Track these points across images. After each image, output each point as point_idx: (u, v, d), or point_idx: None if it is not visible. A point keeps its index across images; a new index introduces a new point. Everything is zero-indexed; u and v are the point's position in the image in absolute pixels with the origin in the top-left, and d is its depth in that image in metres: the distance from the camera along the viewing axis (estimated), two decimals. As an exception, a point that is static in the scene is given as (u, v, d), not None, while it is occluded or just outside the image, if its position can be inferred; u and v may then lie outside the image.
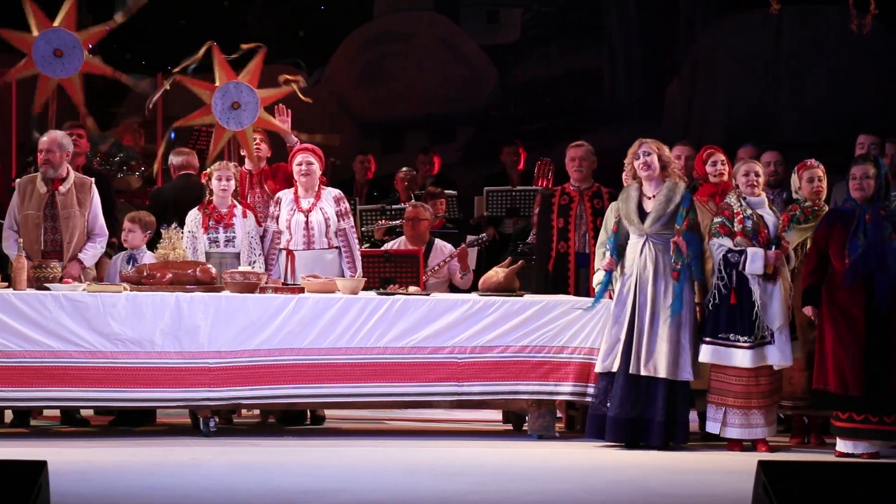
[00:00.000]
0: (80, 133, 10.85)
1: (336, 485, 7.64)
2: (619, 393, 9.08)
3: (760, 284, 9.15)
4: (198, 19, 15.73)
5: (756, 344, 9.09)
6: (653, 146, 9.24)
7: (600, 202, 10.36)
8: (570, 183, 10.51)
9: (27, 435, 9.58)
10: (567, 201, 10.44)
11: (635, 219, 9.18)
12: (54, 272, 9.44)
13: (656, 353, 9.06)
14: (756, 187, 9.29)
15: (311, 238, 10.13)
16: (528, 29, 18.06)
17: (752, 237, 9.19)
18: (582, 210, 10.38)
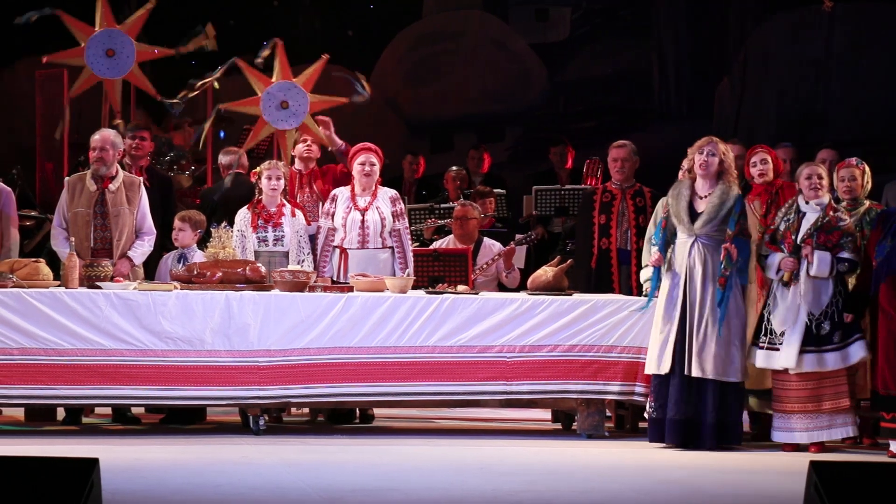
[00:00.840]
0: (144, 135, 10.90)
1: (385, 483, 7.65)
2: (675, 395, 9.03)
3: (779, 289, 9.13)
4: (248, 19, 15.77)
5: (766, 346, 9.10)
6: (719, 147, 9.18)
7: (642, 200, 10.35)
8: (612, 181, 10.51)
9: (79, 432, 9.64)
10: (609, 198, 10.44)
11: (685, 218, 9.13)
12: (106, 271, 9.49)
13: (705, 354, 9.02)
14: (819, 190, 9.21)
15: (366, 237, 10.15)
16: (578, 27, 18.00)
17: (780, 242, 9.16)
18: (624, 207, 10.37)
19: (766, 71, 17.17)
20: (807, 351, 9.04)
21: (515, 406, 10.22)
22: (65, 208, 10.02)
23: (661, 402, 9.09)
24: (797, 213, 9.22)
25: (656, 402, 9.12)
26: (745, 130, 16.42)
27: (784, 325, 9.07)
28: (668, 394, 9.05)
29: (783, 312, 9.09)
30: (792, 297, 9.10)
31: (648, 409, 9.18)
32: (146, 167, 10.85)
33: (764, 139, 11.81)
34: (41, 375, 9.03)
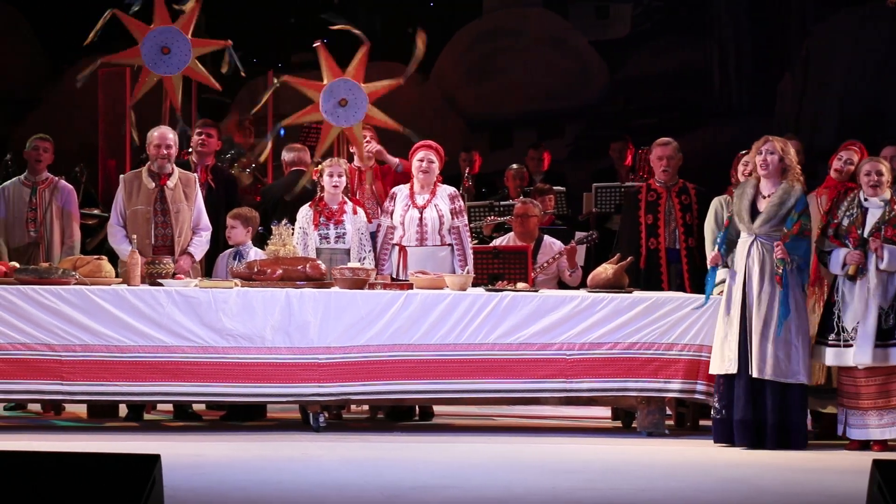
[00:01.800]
0: (210, 132, 10.95)
1: (445, 480, 7.65)
2: (742, 395, 8.96)
3: (846, 284, 9.06)
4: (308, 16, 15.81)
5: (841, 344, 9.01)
6: (777, 145, 9.10)
7: (688, 198, 10.33)
8: (656, 179, 10.47)
9: (141, 429, 9.70)
10: (654, 197, 10.40)
11: (746, 217, 9.07)
12: (167, 268, 9.54)
13: (765, 354, 8.95)
14: (878, 187, 9.12)
15: (425, 234, 10.15)
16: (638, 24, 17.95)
17: (844, 237, 9.09)
18: (670, 206, 10.33)
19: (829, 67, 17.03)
20: (875, 346, 8.97)
21: (575, 403, 10.22)
22: (122, 206, 10.07)
23: (726, 403, 9.02)
24: (859, 207, 9.15)
25: (721, 402, 9.05)
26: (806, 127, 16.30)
27: (856, 320, 8.99)
28: (735, 394, 8.98)
29: (854, 308, 9.01)
30: (860, 292, 9.02)
31: (714, 409, 9.11)
32: (211, 166, 10.89)
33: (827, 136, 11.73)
34: (103, 372, 9.08)
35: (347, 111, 10.82)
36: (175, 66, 10.97)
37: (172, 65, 10.96)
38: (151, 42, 10.94)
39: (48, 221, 10.48)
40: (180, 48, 10.94)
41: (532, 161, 14.36)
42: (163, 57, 10.94)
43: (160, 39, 10.94)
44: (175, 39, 10.95)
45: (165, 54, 10.94)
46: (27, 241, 10.46)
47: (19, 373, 9.03)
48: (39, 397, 9.39)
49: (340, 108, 10.84)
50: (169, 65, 10.96)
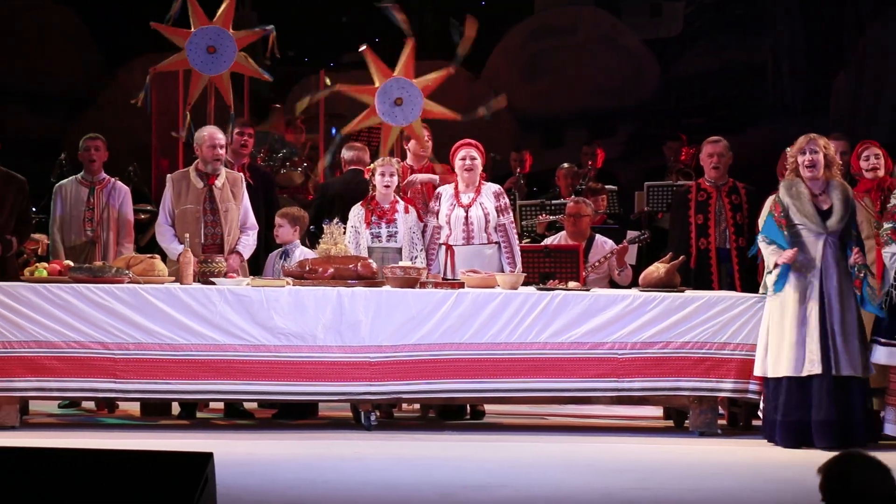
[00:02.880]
0: (251, 132, 11.01)
1: (496, 479, 7.64)
2: (826, 395, 8.86)
3: None
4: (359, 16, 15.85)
5: None
6: (820, 143, 9.06)
7: (738, 198, 10.28)
8: (706, 178, 10.43)
9: (193, 427, 9.74)
10: (704, 197, 10.35)
11: (816, 217, 8.97)
12: (219, 267, 9.58)
13: (851, 352, 8.87)
14: None
15: (471, 233, 10.14)
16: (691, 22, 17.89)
17: None
18: (721, 205, 10.29)
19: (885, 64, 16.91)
20: None
21: (627, 403, 10.18)
22: (170, 205, 10.11)
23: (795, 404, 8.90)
24: None
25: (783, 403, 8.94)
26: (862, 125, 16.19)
27: None
28: (813, 395, 8.86)
29: None
30: None
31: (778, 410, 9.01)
32: (248, 164, 10.94)
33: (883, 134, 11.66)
34: (156, 370, 9.13)
35: (404, 109, 10.84)
36: (223, 64, 11.01)
37: (221, 62, 11.00)
38: (196, 44, 10.98)
39: (105, 221, 10.54)
40: (225, 45, 10.98)
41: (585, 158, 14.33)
42: (210, 57, 10.99)
43: (204, 40, 10.99)
44: (218, 37, 10.99)
45: (212, 53, 10.98)
46: (83, 239, 10.53)
47: (73, 371, 9.09)
48: (93, 395, 9.44)
49: (397, 107, 10.86)
50: (217, 63, 11.00)
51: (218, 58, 10.99)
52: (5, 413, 9.09)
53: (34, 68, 17.28)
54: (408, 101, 10.84)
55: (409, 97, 10.83)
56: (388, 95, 10.85)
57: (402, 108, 10.85)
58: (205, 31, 10.98)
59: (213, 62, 10.98)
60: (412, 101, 10.83)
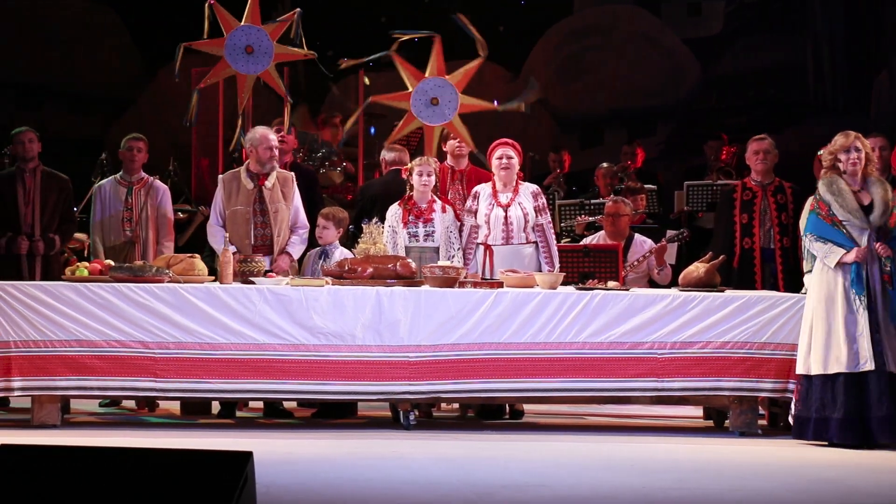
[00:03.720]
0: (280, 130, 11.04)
1: (535, 479, 7.63)
2: (885, 391, 8.80)
3: None
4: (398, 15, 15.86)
5: None
6: (862, 142, 9.03)
7: (783, 197, 10.24)
8: (752, 178, 10.39)
9: (233, 426, 9.77)
10: (750, 196, 10.31)
11: (860, 213, 8.93)
12: (259, 266, 9.60)
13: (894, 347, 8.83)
14: None
15: (510, 233, 10.14)
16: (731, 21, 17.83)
17: None
18: (766, 205, 10.25)
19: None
20: None
21: (666, 403, 10.16)
22: (221, 206, 10.14)
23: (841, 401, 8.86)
24: None
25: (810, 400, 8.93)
26: (903, 124, 16.10)
27: None
28: (869, 391, 8.80)
29: None
30: None
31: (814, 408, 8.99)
32: (290, 163, 10.96)
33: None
34: (196, 369, 9.16)
35: (441, 107, 10.85)
36: (265, 60, 11.03)
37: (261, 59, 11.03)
38: (233, 48, 11.01)
39: (143, 221, 10.58)
40: (261, 41, 11.00)
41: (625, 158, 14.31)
42: (250, 57, 11.02)
43: (240, 42, 11.02)
44: (261, 42, 11.02)
45: (250, 53, 11.02)
46: (123, 239, 10.57)
47: (114, 370, 9.12)
48: (133, 394, 9.47)
49: (434, 107, 10.87)
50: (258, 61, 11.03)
51: (257, 56, 11.02)
52: (47, 412, 9.14)
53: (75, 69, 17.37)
54: (443, 99, 10.85)
55: (443, 95, 10.84)
56: (422, 97, 10.87)
57: (439, 106, 10.86)
58: (238, 34, 11.02)
59: (254, 61, 11.01)
60: (448, 98, 10.85)
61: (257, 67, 11.04)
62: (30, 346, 9.08)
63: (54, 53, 17.32)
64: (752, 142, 10.43)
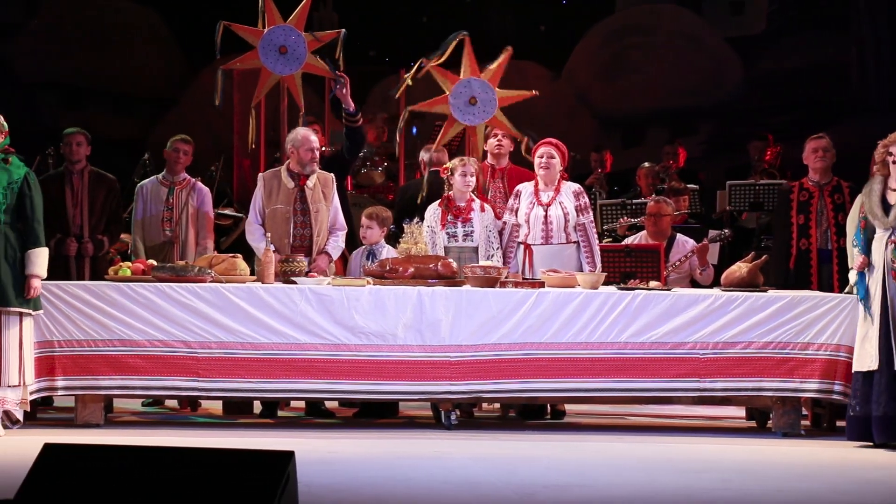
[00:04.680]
0: (316, 128, 11.05)
1: (577, 479, 7.62)
2: (885, 391, 8.81)
3: None
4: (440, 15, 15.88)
5: None
6: None
7: (841, 197, 10.18)
8: (809, 177, 10.34)
9: (275, 425, 9.79)
10: (807, 197, 10.26)
11: (879, 212, 8.93)
12: (300, 266, 9.61)
13: None
14: None
15: (550, 232, 10.12)
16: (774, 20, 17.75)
17: None
18: (822, 205, 10.19)
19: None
20: None
21: (709, 403, 10.12)
22: (261, 205, 10.15)
23: (863, 399, 8.87)
24: None
25: (858, 399, 8.90)
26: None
27: None
28: (874, 391, 8.84)
29: None
30: None
31: (850, 407, 8.97)
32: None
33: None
34: (238, 369, 9.18)
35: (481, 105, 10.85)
36: (294, 64, 11.05)
37: (292, 63, 11.04)
38: (268, 43, 11.03)
39: (183, 221, 10.61)
40: (297, 45, 11.02)
41: (667, 158, 14.26)
42: (282, 57, 11.04)
43: (277, 40, 11.03)
44: (297, 47, 11.03)
45: (283, 54, 11.03)
46: (162, 239, 10.60)
47: (156, 369, 9.16)
48: (176, 393, 9.51)
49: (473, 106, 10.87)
50: (288, 63, 11.04)
51: (289, 58, 11.04)
52: (90, 411, 9.19)
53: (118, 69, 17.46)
54: (481, 97, 10.86)
55: (481, 93, 10.84)
56: (461, 99, 10.87)
57: (479, 105, 10.86)
58: (278, 31, 11.04)
59: (284, 62, 11.03)
60: (485, 95, 10.85)
61: (284, 69, 11.05)
62: (73, 346, 9.13)
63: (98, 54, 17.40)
64: (811, 140, 10.37)
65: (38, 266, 8.92)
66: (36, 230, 8.92)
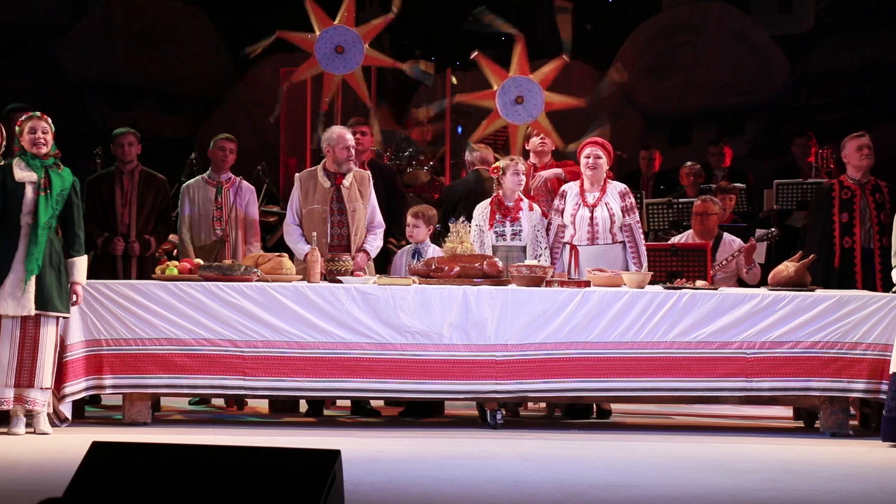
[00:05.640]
0: (365, 130, 11.05)
1: (623, 479, 7.60)
2: None
3: None
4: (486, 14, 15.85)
5: None
6: None
7: (881, 196, 10.14)
8: (849, 175, 10.28)
9: (320, 424, 9.80)
10: (849, 195, 10.20)
11: None
12: (346, 265, 9.63)
13: None
14: None
15: (595, 233, 10.10)
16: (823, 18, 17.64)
17: None
18: (865, 204, 10.15)
19: None
20: None
21: (756, 403, 10.08)
22: (298, 205, 10.15)
23: None
24: None
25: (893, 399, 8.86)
26: None
27: None
28: None
29: None
30: None
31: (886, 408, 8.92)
32: (368, 161, 10.98)
33: None
34: (284, 368, 9.20)
35: (527, 106, 10.85)
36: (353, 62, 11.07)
37: (350, 61, 11.06)
38: (324, 46, 11.06)
39: (232, 220, 10.64)
40: (353, 43, 11.03)
41: (713, 158, 14.21)
42: (339, 57, 11.06)
43: (331, 41, 11.05)
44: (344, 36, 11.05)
45: (340, 53, 11.06)
46: (213, 238, 10.63)
47: (203, 368, 9.19)
48: (222, 392, 9.54)
49: (518, 105, 10.87)
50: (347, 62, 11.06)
51: (347, 56, 11.06)
52: (137, 409, 9.23)
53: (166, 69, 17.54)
54: (528, 98, 10.85)
55: (528, 93, 10.84)
56: (507, 96, 10.87)
57: (524, 105, 10.86)
58: (329, 33, 11.06)
59: (343, 61, 11.06)
60: (532, 96, 10.85)
61: (345, 68, 11.07)
62: (121, 345, 9.17)
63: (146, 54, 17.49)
64: (853, 138, 10.30)
65: (81, 273, 8.97)
66: (79, 237, 8.96)
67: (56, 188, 8.84)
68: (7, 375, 8.72)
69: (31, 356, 8.76)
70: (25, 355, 8.75)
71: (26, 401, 8.75)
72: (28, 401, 8.75)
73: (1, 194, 8.80)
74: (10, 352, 8.74)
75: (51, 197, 8.80)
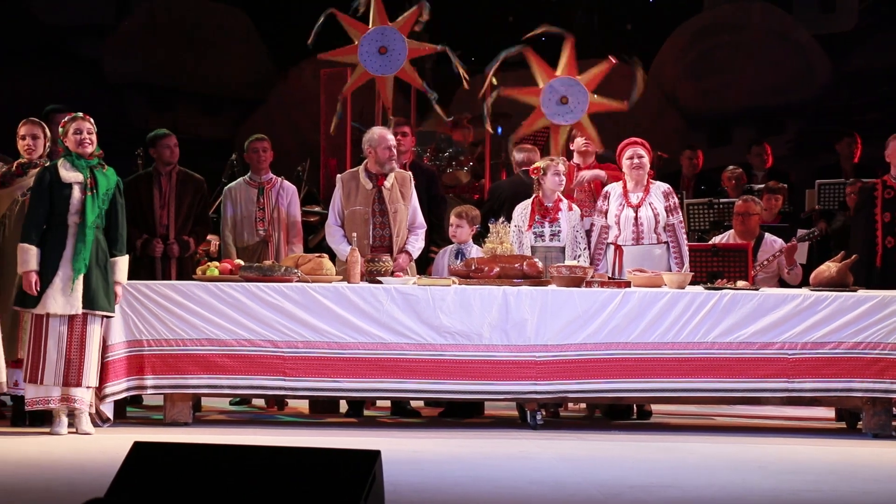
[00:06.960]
0: (406, 131, 11.06)
1: (663, 480, 7.58)
2: None
3: None
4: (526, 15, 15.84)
5: None
6: None
7: (924, 196, 10.10)
8: (892, 175, 10.22)
9: (360, 425, 9.82)
10: (892, 195, 10.15)
11: None
12: (386, 266, 9.63)
13: None
14: None
15: (640, 233, 10.08)
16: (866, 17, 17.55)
17: None
18: (908, 204, 10.11)
19: None
20: None
21: (797, 404, 10.02)
22: (340, 206, 10.16)
23: None
24: None
25: None
26: None
27: None
28: None
29: None
30: None
31: None
32: (409, 162, 10.99)
33: None
34: (324, 368, 9.22)
35: (571, 107, 10.83)
36: (391, 67, 11.08)
37: (389, 65, 11.07)
38: (370, 42, 11.07)
39: (275, 221, 10.66)
40: (397, 49, 11.05)
41: (756, 158, 14.16)
42: (380, 57, 11.07)
43: (379, 39, 11.07)
44: (393, 40, 11.06)
45: (383, 54, 11.06)
46: (256, 239, 10.65)
47: (243, 368, 9.22)
48: (263, 393, 9.56)
49: (563, 106, 10.85)
50: (386, 65, 11.07)
51: (387, 60, 11.07)
52: (179, 409, 9.27)
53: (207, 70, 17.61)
54: (573, 99, 10.82)
55: (574, 95, 10.81)
56: (553, 95, 10.85)
57: (569, 105, 10.84)
58: (382, 31, 11.07)
59: (382, 63, 11.07)
60: (577, 98, 10.82)
61: (394, 67, 11.08)
62: (162, 345, 9.21)
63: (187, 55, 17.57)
64: (894, 139, 10.26)
65: (123, 273, 9.02)
66: (122, 237, 9.02)
67: (102, 188, 8.89)
68: (55, 374, 8.78)
69: (78, 355, 8.82)
70: (73, 354, 8.81)
71: (74, 400, 8.80)
72: (74, 399, 8.80)
73: (49, 195, 8.86)
74: (57, 350, 8.79)
75: (97, 197, 8.85)
